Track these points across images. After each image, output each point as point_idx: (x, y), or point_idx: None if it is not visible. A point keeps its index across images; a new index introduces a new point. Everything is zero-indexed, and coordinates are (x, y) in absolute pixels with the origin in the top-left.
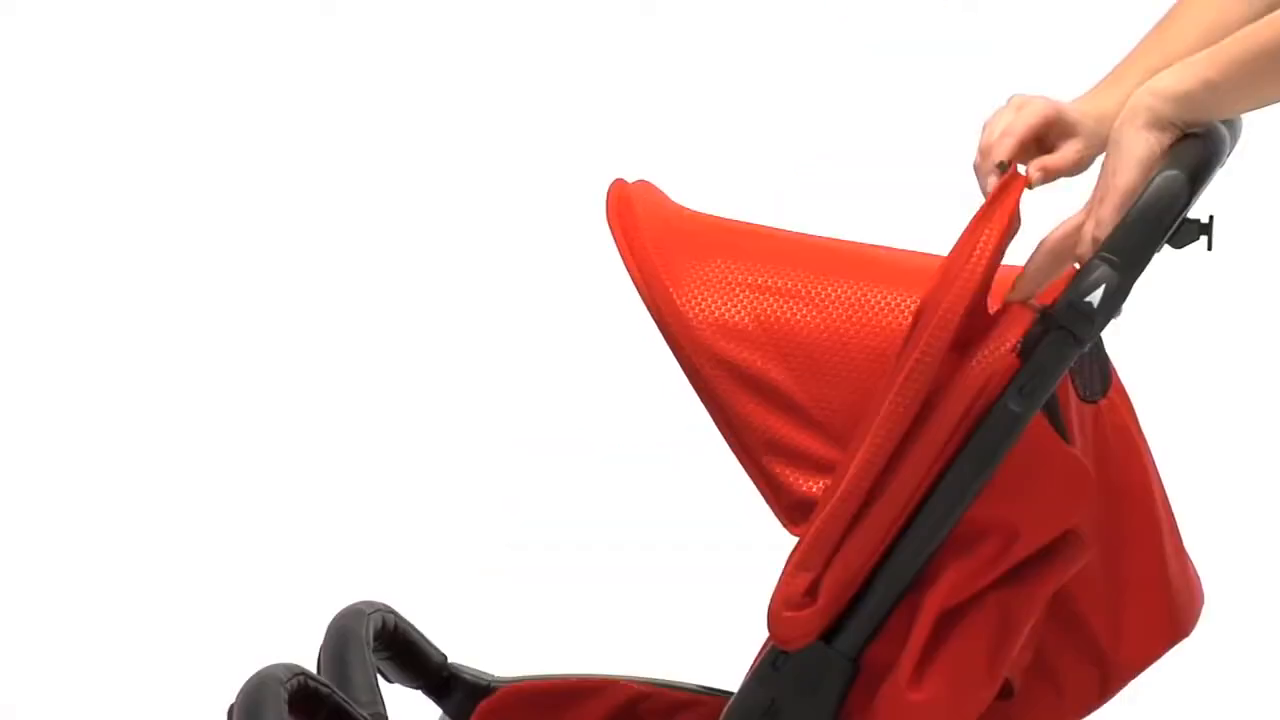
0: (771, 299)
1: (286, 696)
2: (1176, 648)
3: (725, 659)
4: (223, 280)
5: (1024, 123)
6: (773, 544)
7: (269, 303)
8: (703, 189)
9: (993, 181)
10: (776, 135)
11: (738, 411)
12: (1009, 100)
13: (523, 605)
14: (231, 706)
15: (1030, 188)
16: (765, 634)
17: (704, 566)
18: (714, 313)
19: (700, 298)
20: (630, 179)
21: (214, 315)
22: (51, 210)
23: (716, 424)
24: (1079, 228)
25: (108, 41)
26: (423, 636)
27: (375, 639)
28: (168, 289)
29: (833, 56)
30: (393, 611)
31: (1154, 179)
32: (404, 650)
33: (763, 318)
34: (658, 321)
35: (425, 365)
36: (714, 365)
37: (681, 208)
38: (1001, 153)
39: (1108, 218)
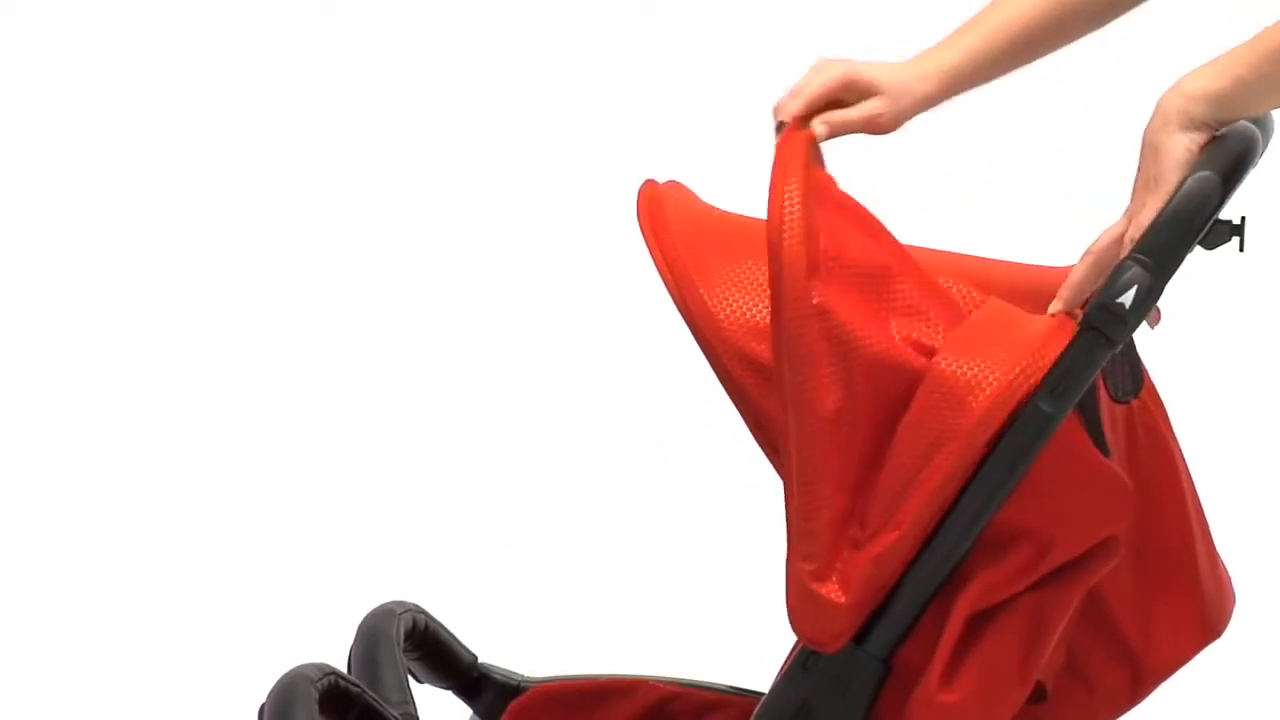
0: None
1: (317, 696)
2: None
3: (754, 659)
4: (224, 282)
5: (816, 84)
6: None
7: (270, 307)
8: (702, 189)
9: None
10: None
11: (767, 413)
12: (813, 63)
13: (534, 607)
14: (262, 706)
15: (818, 141)
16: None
17: (716, 566)
18: (745, 314)
19: (731, 298)
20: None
21: (214, 319)
22: (52, 210)
23: (746, 424)
24: (1121, 236)
25: (108, 41)
26: (453, 637)
27: (406, 639)
28: (176, 292)
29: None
30: (423, 612)
31: (1185, 180)
32: (434, 650)
33: None
34: (688, 322)
35: (430, 365)
36: (744, 366)
37: (712, 208)
38: (785, 113)
39: (1148, 223)
